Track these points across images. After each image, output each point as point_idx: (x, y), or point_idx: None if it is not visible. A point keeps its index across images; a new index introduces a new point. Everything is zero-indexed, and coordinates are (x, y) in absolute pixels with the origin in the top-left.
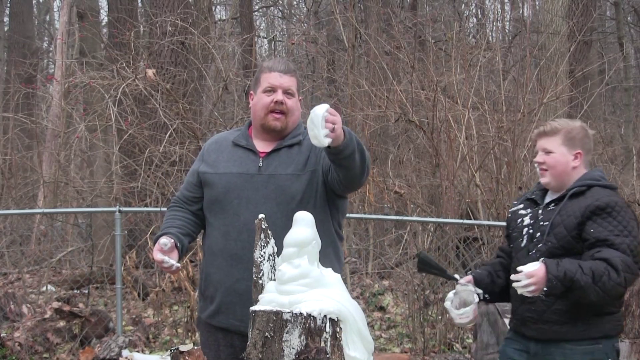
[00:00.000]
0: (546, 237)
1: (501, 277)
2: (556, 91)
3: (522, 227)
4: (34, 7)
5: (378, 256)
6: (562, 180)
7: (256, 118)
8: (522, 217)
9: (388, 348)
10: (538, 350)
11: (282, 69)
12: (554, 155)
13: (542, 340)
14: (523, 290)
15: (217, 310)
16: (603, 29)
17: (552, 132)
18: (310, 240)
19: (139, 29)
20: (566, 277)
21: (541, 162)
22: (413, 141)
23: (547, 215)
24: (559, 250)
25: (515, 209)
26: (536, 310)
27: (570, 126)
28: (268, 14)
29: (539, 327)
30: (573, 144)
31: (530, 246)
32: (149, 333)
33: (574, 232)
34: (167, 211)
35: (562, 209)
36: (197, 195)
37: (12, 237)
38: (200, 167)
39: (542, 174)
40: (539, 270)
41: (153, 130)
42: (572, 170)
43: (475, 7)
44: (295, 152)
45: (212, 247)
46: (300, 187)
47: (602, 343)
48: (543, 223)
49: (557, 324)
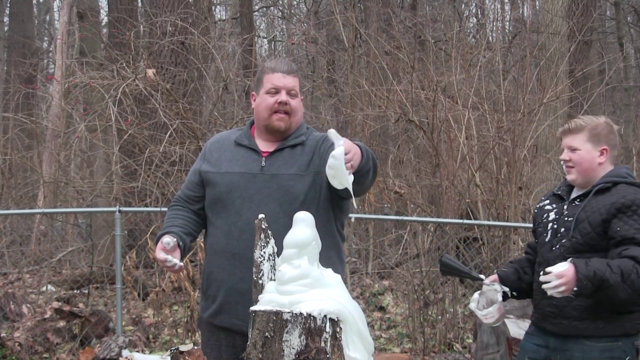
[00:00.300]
0: (571, 232)
1: (528, 274)
2: (556, 91)
3: (547, 222)
4: (34, 7)
5: (378, 256)
6: (588, 177)
7: (260, 119)
8: (547, 212)
9: (388, 348)
10: (557, 345)
11: (285, 70)
12: (579, 153)
13: (561, 335)
14: (553, 291)
15: (219, 309)
16: (603, 29)
17: (577, 129)
18: (310, 240)
19: (139, 29)
20: (596, 276)
21: (567, 159)
22: (413, 141)
23: (572, 210)
24: (583, 247)
25: (542, 205)
26: (557, 306)
27: (595, 122)
28: (268, 14)
29: (559, 322)
30: (598, 140)
31: (554, 241)
32: (149, 333)
33: (599, 229)
34: (168, 210)
35: (587, 205)
36: (198, 194)
37: (12, 237)
38: (202, 167)
39: (568, 171)
40: (569, 271)
41: (153, 130)
42: (598, 167)
43: (475, 7)
44: (298, 153)
45: (214, 247)
46: (304, 188)
47: (621, 341)
48: (568, 218)
49: (577, 320)
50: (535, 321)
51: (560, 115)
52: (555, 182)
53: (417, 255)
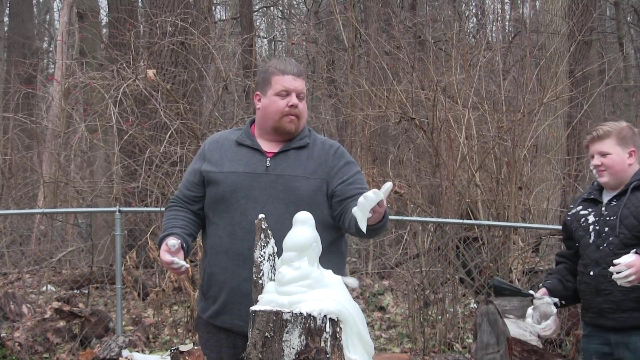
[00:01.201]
0: (618, 229)
1: (570, 281)
2: (556, 91)
3: (587, 225)
4: (34, 7)
5: (378, 256)
6: (620, 178)
7: (267, 120)
8: (584, 216)
9: (388, 348)
10: (619, 339)
11: (295, 72)
12: (610, 157)
13: (622, 329)
14: (623, 281)
15: (221, 310)
16: (603, 29)
17: (605, 135)
18: (310, 243)
19: (139, 29)
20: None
21: (599, 164)
22: (413, 141)
23: (612, 210)
24: (632, 240)
25: (576, 211)
26: (614, 301)
27: (620, 127)
28: (268, 14)
29: (619, 316)
30: (626, 143)
31: (599, 241)
32: (149, 333)
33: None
34: (167, 211)
35: (627, 202)
36: (198, 194)
37: (12, 237)
38: (203, 166)
39: (600, 175)
40: (637, 260)
41: (153, 130)
42: (628, 168)
43: (475, 7)
44: (304, 156)
45: (217, 247)
46: (310, 190)
47: None
48: (610, 218)
49: (637, 311)
50: (591, 320)
51: (560, 115)
52: (555, 182)
53: (417, 255)
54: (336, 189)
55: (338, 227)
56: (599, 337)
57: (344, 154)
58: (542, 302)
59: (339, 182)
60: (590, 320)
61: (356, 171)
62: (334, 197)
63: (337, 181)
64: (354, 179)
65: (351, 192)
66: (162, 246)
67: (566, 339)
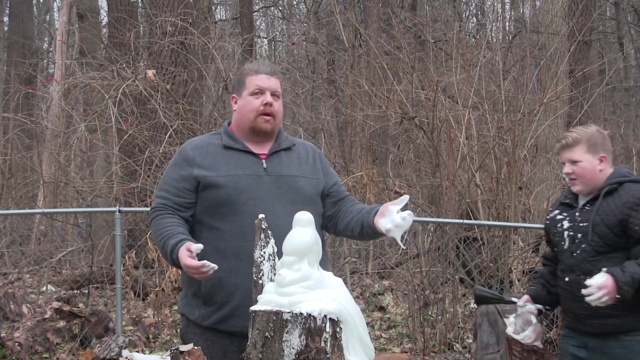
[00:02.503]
0: (590, 236)
1: (554, 285)
2: (556, 91)
3: (562, 230)
4: (34, 7)
5: (378, 256)
6: (592, 185)
7: (244, 121)
8: (560, 221)
9: (388, 348)
10: (597, 345)
11: (268, 71)
12: (581, 165)
13: (599, 334)
14: (597, 302)
15: (231, 314)
16: (603, 29)
17: (575, 143)
18: (310, 246)
19: (138, 29)
20: (634, 280)
21: (570, 172)
22: (413, 141)
23: (584, 216)
24: (604, 248)
25: (553, 216)
26: (590, 307)
27: (589, 133)
28: (268, 14)
29: (595, 322)
30: (596, 149)
31: (573, 247)
32: (149, 333)
33: (616, 229)
34: (158, 219)
35: (599, 208)
36: (191, 201)
37: (12, 237)
38: (195, 172)
39: (572, 183)
40: (608, 281)
41: (153, 130)
42: (600, 173)
43: (475, 7)
44: (294, 157)
45: (223, 251)
46: (311, 189)
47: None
48: (582, 224)
49: (613, 317)
50: (569, 324)
51: (560, 115)
52: (555, 182)
53: (417, 255)
54: (332, 190)
55: (327, 226)
56: (576, 339)
57: (323, 154)
58: (524, 310)
59: (333, 183)
60: (568, 324)
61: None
62: (329, 197)
63: (330, 181)
64: (339, 181)
65: (343, 194)
66: (181, 251)
67: None
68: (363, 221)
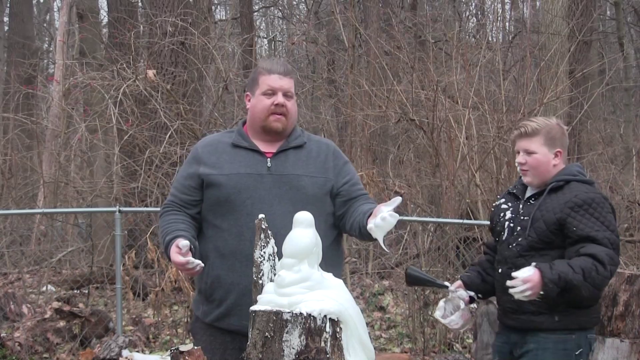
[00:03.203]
0: (528, 231)
1: (490, 274)
2: (556, 91)
3: (504, 221)
4: (34, 7)
5: (378, 256)
6: (544, 178)
7: (256, 120)
8: (504, 211)
9: (388, 348)
10: (517, 339)
11: (281, 71)
12: (536, 156)
13: (521, 329)
14: (520, 296)
15: (228, 312)
16: (603, 29)
17: (534, 133)
18: (310, 249)
19: (139, 29)
20: (560, 279)
21: (523, 162)
22: (413, 141)
23: (527, 209)
24: (539, 244)
25: (498, 204)
26: (516, 302)
27: (550, 125)
28: (268, 14)
29: (518, 317)
30: (553, 143)
31: (511, 239)
32: (149, 333)
33: (553, 227)
34: (164, 216)
35: (542, 204)
36: (196, 198)
37: (12, 237)
38: (200, 170)
39: (524, 174)
40: (534, 275)
41: (153, 130)
42: (553, 168)
43: (475, 7)
44: (303, 155)
45: (222, 249)
46: (315, 188)
47: (575, 334)
48: (523, 217)
49: (535, 315)
50: (499, 317)
51: (560, 115)
52: None
53: (417, 255)
54: (341, 189)
55: (338, 225)
56: (503, 336)
57: (340, 153)
58: (455, 296)
59: (344, 182)
60: (499, 317)
61: (354, 171)
62: (338, 196)
63: (341, 180)
64: (355, 180)
65: (355, 193)
66: (172, 248)
67: None
68: (360, 222)
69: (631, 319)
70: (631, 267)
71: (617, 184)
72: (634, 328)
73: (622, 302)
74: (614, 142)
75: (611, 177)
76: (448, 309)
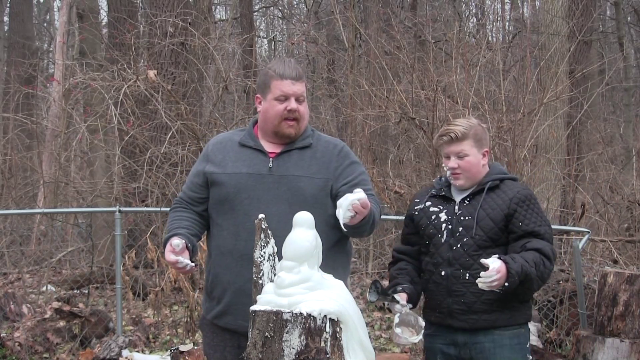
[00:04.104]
0: (474, 230)
1: (418, 283)
2: (556, 91)
3: (439, 223)
4: (34, 7)
5: (378, 256)
6: (475, 180)
7: (268, 124)
8: (436, 213)
9: (388, 348)
10: (466, 340)
11: (294, 76)
12: (468, 159)
13: (470, 330)
14: (484, 285)
15: (225, 311)
16: (603, 29)
17: (463, 137)
18: (311, 251)
19: (139, 29)
20: (522, 271)
21: (455, 167)
22: (413, 141)
23: (466, 210)
24: (487, 242)
25: (424, 207)
26: (466, 302)
27: (474, 126)
28: (268, 14)
29: (469, 317)
30: (481, 144)
31: (452, 241)
32: (149, 333)
33: (501, 224)
34: (171, 212)
35: (484, 202)
36: (202, 195)
37: (12, 237)
38: (206, 168)
39: (456, 177)
40: (503, 267)
41: (154, 131)
42: (482, 168)
43: (475, 7)
44: (308, 156)
45: (221, 248)
46: (314, 190)
47: (523, 327)
48: (465, 218)
49: (487, 313)
50: (437, 320)
51: (560, 115)
52: (555, 182)
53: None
54: (340, 190)
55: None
56: (444, 337)
57: (348, 153)
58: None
59: (343, 183)
60: (437, 320)
61: (361, 172)
62: (337, 197)
63: (341, 181)
64: (358, 180)
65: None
66: (167, 246)
67: (566, 339)
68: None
69: (631, 319)
70: (631, 267)
71: (617, 184)
72: (634, 328)
73: (622, 302)
74: (614, 142)
75: (611, 177)
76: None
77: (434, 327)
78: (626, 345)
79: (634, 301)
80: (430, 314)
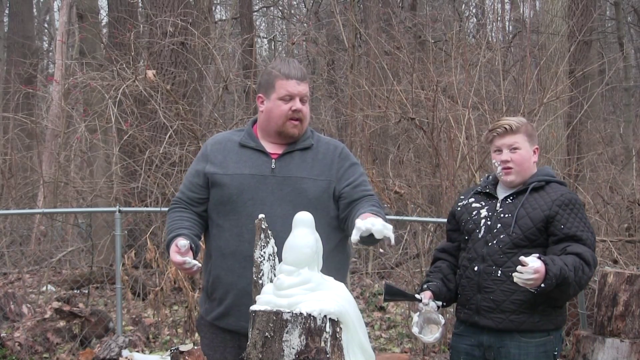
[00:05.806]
0: (512, 228)
1: (452, 281)
2: (556, 91)
3: (479, 219)
4: (34, 7)
5: (378, 256)
6: (524, 176)
7: (271, 124)
8: (477, 209)
9: (388, 348)
10: (492, 342)
11: (299, 76)
12: (520, 152)
13: (496, 330)
14: (520, 281)
15: (226, 312)
16: (603, 29)
17: (518, 129)
18: (311, 256)
19: (139, 29)
20: (561, 274)
21: (508, 160)
22: (413, 141)
23: (507, 208)
24: (523, 242)
25: (466, 203)
26: (494, 300)
27: (526, 123)
28: (268, 14)
29: (496, 316)
30: (533, 139)
31: (489, 237)
32: (149, 333)
33: (540, 225)
34: (170, 213)
35: (526, 202)
36: (202, 196)
37: (12, 237)
38: (206, 168)
39: (507, 172)
40: (542, 267)
41: (153, 131)
42: (533, 166)
43: (475, 7)
44: (309, 157)
45: (223, 249)
46: (317, 191)
47: (552, 334)
48: (505, 215)
49: (515, 314)
50: (465, 317)
51: (560, 115)
52: None
53: (417, 255)
54: (343, 191)
55: (343, 228)
56: (470, 338)
57: (348, 155)
58: (429, 309)
59: (346, 185)
60: (465, 317)
61: (361, 173)
62: (340, 199)
63: (343, 183)
64: (360, 181)
65: (358, 195)
66: (172, 247)
67: (566, 339)
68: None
69: (631, 319)
70: (631, 267)
71: (617, 184)
72: (634, 328)
73: (622, 302)
74: (614, 142)
75: (611, 177)
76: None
77: (462, 326)
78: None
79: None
80: (460, 311)
